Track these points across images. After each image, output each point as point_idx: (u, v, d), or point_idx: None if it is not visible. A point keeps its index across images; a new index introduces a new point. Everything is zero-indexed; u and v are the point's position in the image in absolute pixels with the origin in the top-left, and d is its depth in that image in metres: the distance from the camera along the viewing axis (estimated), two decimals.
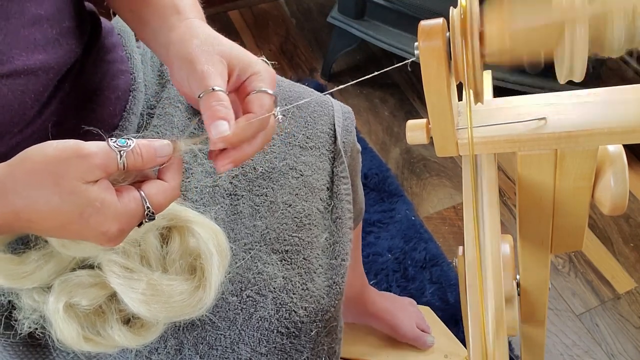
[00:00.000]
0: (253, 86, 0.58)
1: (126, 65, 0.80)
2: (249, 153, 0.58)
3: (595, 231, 1.54)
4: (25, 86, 0.64)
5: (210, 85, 0.55)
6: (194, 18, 0.63)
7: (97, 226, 0.51)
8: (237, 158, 0.57)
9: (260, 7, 2.10)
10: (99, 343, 0.63)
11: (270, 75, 0.60)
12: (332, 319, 0.76)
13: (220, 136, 0.54)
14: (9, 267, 0.62)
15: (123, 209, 0.52)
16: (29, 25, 0.63)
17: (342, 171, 0.83)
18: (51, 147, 0.50)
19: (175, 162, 0.56)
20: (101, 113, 0.75)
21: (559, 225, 0.65)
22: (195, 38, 0.59)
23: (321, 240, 0.78)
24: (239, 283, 0.72)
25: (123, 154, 0.51)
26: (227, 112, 0.54)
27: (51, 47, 0.66)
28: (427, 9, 1.53)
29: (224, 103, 0.55)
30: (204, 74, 0.56)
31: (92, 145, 0.51)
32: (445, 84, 0.49)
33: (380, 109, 1.82)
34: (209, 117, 0.54)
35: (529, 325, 0.82)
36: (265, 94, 0.58)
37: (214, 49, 0.58)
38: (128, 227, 0.53)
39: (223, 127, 0.54)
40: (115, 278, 0.61)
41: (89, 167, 0.50)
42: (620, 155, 0.59)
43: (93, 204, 0.50)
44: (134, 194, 0.53)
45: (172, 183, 0.55)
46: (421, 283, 1.43)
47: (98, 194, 0.50)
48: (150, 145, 0.53)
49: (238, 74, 0.59)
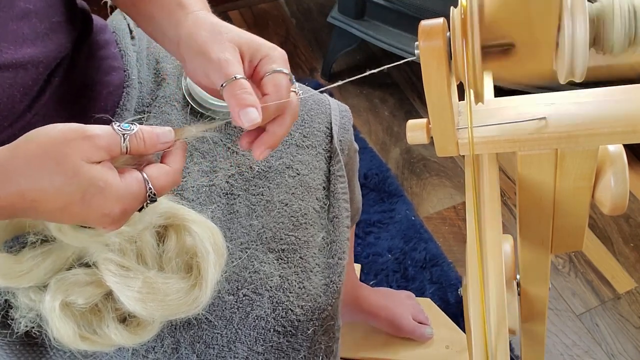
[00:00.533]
0: (266, 69, 0.58)
1: (119, 62, 0.80)
2: (281, 135, 0.59)
3: (595, 231, 1.54)
4: (14, 79, 0.64)
5: (231, 74, 0.56)
6: (199, 10, 0.63)
7: (99, 207, 0.51)
8: (272, 142, 0.58)
9: (260, 7, 2.10)
10: (96, 342, 0.63)
11: (281, 55, 0.60)
12: (329, 317, 0.75)
13: (252, 123, 0.54)
14: (4, 266, 0.62)
15: (125, 189, 0.52)
16: (17, 19, 0.63)
17: (338, 170, 0.83)
18: (56, 129, 0.51)
19: (179, 147, 0.57)
20: (92, 108, 0.75)
21: (559, 225, 0.65)
22: (203, 30, 0.59)
23: (318, 240, 0.78)
24: (236, 282, 0.72)
25: (127, 138, 0.52)
26: (253, 99, 0.55)
27: (40, 42, 0.66)
28: (427, 9, 1.53)
29: (248, 90, 0.55)
30: (222, 62, 0.56)
31: (97, 127, 0.52)
32: (446, 84, 0.49)
33: (380, 108, 1.82)
34: (236, 105, 0.55)
35: (529, 325, 0.82)
36: (280, 73, 0.58)
37: (223, 37, 0.59)
38: (131, 208, 0.53)
39: (253, 114, 0.54)
40: (111, 276, 0.61)
41: (93, 147, 0.50)
42: (621, 155, 0.58)
43: (96, 184, 0.50)
44: (137, 175, 0.53)
45: (174, 166, 0.56)
46: (421, 283, 1.43)
47: (102, 174, 0.51)
48: (153, 132, 0.54)
49: (250, 59, 0.59)
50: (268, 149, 0.58)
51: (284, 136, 0.59)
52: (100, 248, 0.63)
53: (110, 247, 0.63)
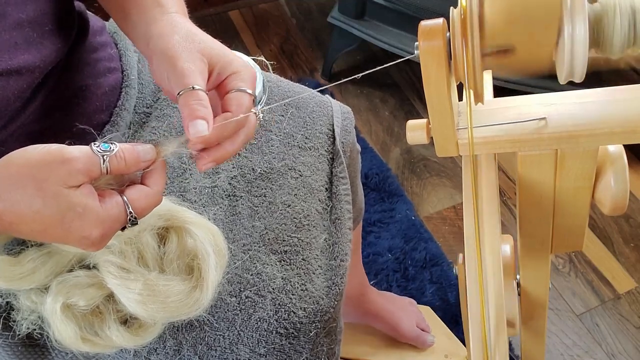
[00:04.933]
0: (232, 85, 0.58)
1: (116, 63, 0.80)
2: (231, 151, 0.57)
3: (595, 231, 1.54)
4: (7, 82, 0.63)
5: (190, 84, 0.55)
6: (176, 13, 0.62)
7: (78, 231, 0.51)
8: (219, 157, 0.57)
9: (260, 7, 2.10)
10: (97, 343, 0.63)
11: (250, 74, 0.59)
12: (331, 319, 0.75)
13: (198, 135, 0.53)
14: (5, 268, 0.62)
15: (105, 214, 0.51)
16: (10, 29, 0.63)
17: (341, 171, 0.83)
18: (35, 151, 0.50)
19: (158, 167, 0.55)
20: (86, 108, 0.75)
21: (559, 225, 0.65)
22: (176, 34, 0.58)
23: (320, 241, 0.78)
24: (238, 284, 0.72)
25: (106, 159, 0.51)
26: (206, 112, 0.54)
27: (34, 49, 0.65)
28: (427, 9, 1.53)
29: (203, 102, 0.54)
30: (184, 71, 0.55)
31: (75, 149, 0.51)
32: (446, 84, 0.49)
33: (381, 108, 1.82)
34: (187, 115, 0.54)
35: (529, 325, 0.82)
36: (244, 93, 0.57)
37: (194, 47, 0.58)
38: (110, 232, 0.53)
39: (202, 126, 0.53)
40: (112, 278, 0.61)
41: (71, 171, 0.50)
42: (621, 155, 0.58)
43: (75, 209, 0.50)
44: (117, 199, 0.52)
45: (155, 188, 0.55)
46: (421, 283, 1.43)
47: (80, 199, 0.50)
48: (134, 150, 0.53)
49: (218, 72, 0.58)
50: (212, 162, 0.57)
51: (232, 154, 0.58)
52: (101, 250, 0.63)
53: (111, 249, 0.63)
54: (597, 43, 0.47)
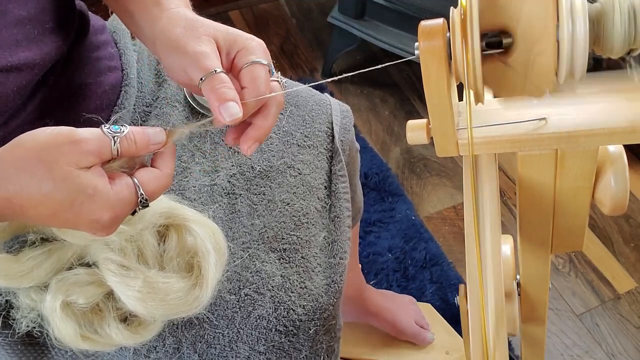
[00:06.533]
0: (244, 61, 0.57)
1: (116, 62, 0.80)
2: (268, 126, 0.57)
3: (595, 231, 1.54)
4: (7, 79, 0.63)
5: (209, 67, 0.55)
6: (176, 7, 0.62)
7: (89, 214, 0.50)
8: (260, 135, 0.57)
9: (260, 7, 2.10)
10: (97, 341, 0.63)
11: (259, 45, 0.58)
12: (330, 317, 0.75)
13: (233, 118, 0.53)
14: (5, 266, 0.62)
15: (116, 196, 0.51)
16: (11, 26, 0.63)
17: (339, 170, 0.83)
18: (44, 133, 0.50)
19: (169, 150, 0.55)
20: (86, 106, 0.74)
21: (559, 225, 0.65)
22: (178, 27, 0.58)
23: (319, 239, 0.78)
24: (237, 282, 0.72)
25: (117, 140, 0.51)
26: (234, 94, 0.54)
27: (35, 46, 0.65)
28: (427, 9, 1.53)
29: (228, 84, 0.54)
30: (199, 55, 0.55)
31: (85, 131, 0.50)
32: (446, 84, 0.49)
33: (381, 108, 1.82)
34: (216, 100, 0.53)
35: (529, 325, 0.82)
36: (257, 64, 0.57)
37: (199, 32, 0.58)
38: (121, 214, 0.52)
39: (234, 109, 0.53)
40: (111, 276, 0.61)
41: (82, 152, 0.49)
42: (621, 155, 0.58)
43: (85, 191, 0.49)
44: (127, 181, 0.52)
45: (165, 170, 0.55)
46: (421, 283, 1.43)
47: (91, 180, 0.50)
48: (144, 132, 0.53)
49: (227, 52, 0.58)
50: (256, 142, 0.57)
51: (270, 128, 0.58)
52: (100, 247, 0.63)
53: (111, 247, 0.63)
54: (597, 43, 0.47)
